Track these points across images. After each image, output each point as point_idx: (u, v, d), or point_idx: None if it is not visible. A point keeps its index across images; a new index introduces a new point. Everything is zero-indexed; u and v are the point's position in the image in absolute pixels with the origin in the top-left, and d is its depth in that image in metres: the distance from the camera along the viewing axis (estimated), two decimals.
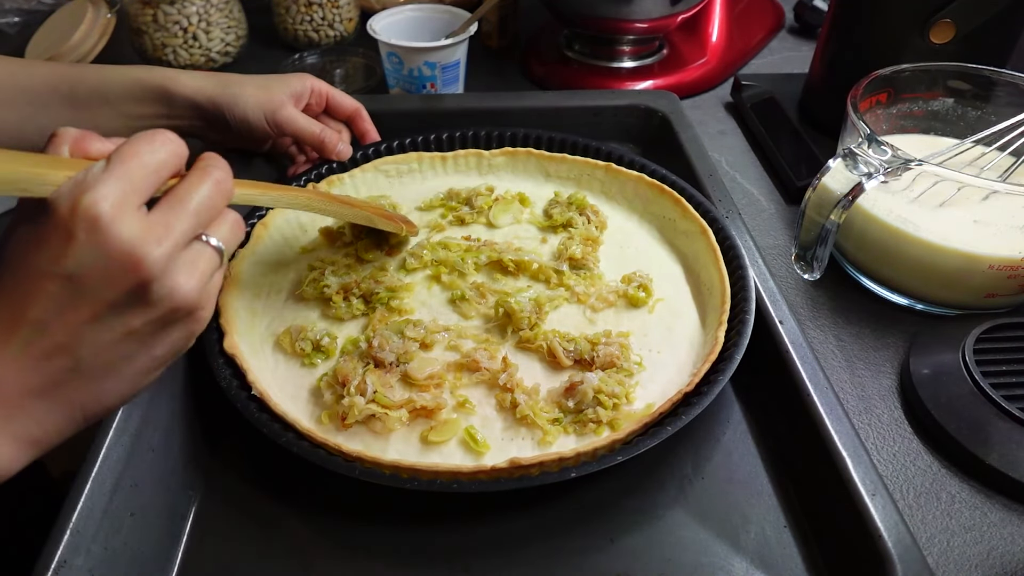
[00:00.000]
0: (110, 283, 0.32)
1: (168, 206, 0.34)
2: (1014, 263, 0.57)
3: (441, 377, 0.53)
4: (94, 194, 0.31)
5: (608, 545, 0.46)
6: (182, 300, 0.34)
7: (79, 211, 0.31)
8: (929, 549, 0.46)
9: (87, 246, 0.31)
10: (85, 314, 0.32)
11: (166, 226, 0.33)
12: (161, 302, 0.34)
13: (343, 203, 0.56)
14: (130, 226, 0.32)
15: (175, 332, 0.36)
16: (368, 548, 0.47)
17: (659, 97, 0.81)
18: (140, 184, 0.33)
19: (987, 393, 0.51)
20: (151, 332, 0.35)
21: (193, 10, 0.95)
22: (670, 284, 0.62)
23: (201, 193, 0.36)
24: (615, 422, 0.50)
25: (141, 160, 0.33)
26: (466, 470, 0.45)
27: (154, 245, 0.32)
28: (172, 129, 0.66)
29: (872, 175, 0.54)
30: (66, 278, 0.32)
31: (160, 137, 0.35)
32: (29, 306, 0.32)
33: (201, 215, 0.35)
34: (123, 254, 0.32)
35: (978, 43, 0.71)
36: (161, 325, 0.35)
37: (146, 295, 0.33)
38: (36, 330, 0.32)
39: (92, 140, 0.36)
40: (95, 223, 0.31)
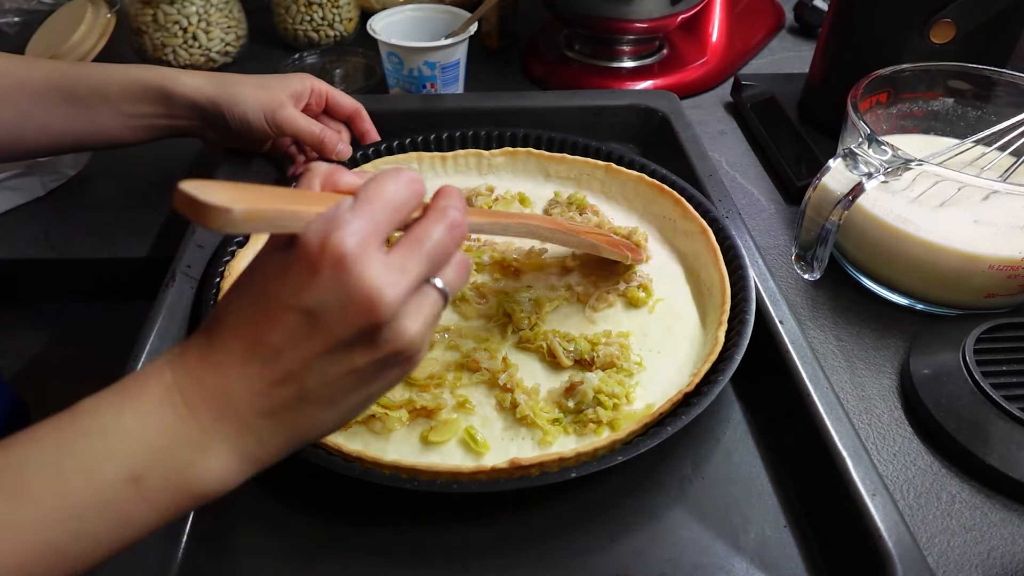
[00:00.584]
0: (345, 321, 0.33)
1: (406, 248, 0.35)
2: (1014, 263, 0.57)
3: (441, 377, 0.53)
4: (342, 233, 0.32)
5: (608, 545, 0.46)
6: (405, 344, 0.35)
7: (327, 249, 0.32)
8: (929, 549, 0.46)
9: (330, 284, 0.32)
10: (318, 348, 0.33)
11: (402, 270, 0.34)
12: (386, 344, 0.34)
13: (569, 230, 0.55)
14: (372, 268, 0.32)
15: (392, 372, 0.36)
16: (368, 548, 0.47)
17: (659, 97, 0.81)
18: (384, 223, 0.34)
19: (987, 393, 0.51)
20: (372, 371, 0.35)
21: (193, 10, 0.95)
22: (670, 284, 0.62)
23: (436, 236, 0.36)
24: (615, 422, 0.50)
25: (386, 200, 0.34)
26: (466, 470, 0.45)
27: (391, 288, 0.33)
28: (171, 128, 0.67)
29: (872, 175, 0.54)
30: (306, 312, 0.33)
31: (405, 177, 0.35)
32: (269, 333, 0.33)
33: (435, 258, 0.36)
34: (362, 296, 0.32)
35: (978, 43, 0.71)
36: (382, 365, 0.35)
37: (375, 336, 0.34)
38: (273, 356, 0.33)
39: (342, 174, 0.37)
40: (340, 262, 0.32)
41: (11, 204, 0.75)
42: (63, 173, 0.78)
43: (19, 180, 0.75)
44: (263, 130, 0.66)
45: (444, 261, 0.37)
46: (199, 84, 0.64)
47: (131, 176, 0.80)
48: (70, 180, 0.79)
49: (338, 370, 0.34)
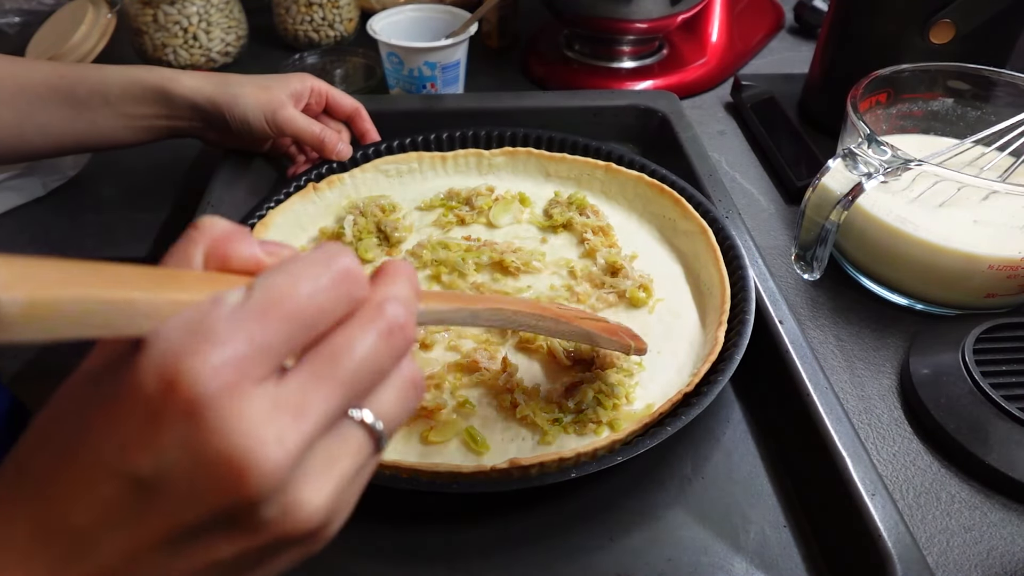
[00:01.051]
0: (195, 499, 0.22)
1: (310, 373, 0.23)
2: (1014, 263, 0.57)
3: (441, 377, 0.53)
4: (205, 359, 0.21)
5: (608, 545, 0.46)
6: (298, 525, 0.23)
7: (177, 383, 0.21)
8: (929, 549, 0.46)
9: (175, 440, 0.21)
10: (152, 535, 0.22)
11: (298, 410, 0.22)
12: (266, 527, 0.23)
13: (559, 316, 0.44)
14: (245, 418, 0.21)
15: (281, 560, 0.25)
16: (367, 548, 0.47)
17: (659, 97, 0.81)
18: (280, 344, 0.22)
19: (987, 393, 0.51)
20: (247, 564, 0.24)
21: (193, 10, 0.95)
22: (670, 284, 0.62)
23: (361, 349, 0.24)
24: (615, 422, 0.50)
25: (294, 305, 0.23)
26: (466, 470, 0.45)
27: (273, 446, 0.22)
28: (171, 129, 0.67)
29: (872, 175, 0.55)
30: (133, 481, 0.22)
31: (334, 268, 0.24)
32: (75, 509, 0.22)
33: (358, 382, 0.24)
34: (224, 462, 0.21)
35: (978, 43, 0.71)
36: (264, 554, 0.24)
37: (246, 519, 0.22)
38: (80, 546, 0.22)
39: (238, 243, 0.25)
40: (195, 407, 0.21)
41: (11, 204, 0.75)
42: (63, 173, 0.78)
43: (19, 180, 0.75)
44: (263, 130, 0.66)
45: (374, 382, 0.25)
46: (199, 85, 0.64)
47: (131, 176, 0.81)
48: (70, 180, 0.79)
49: (187, 566, 0.23)
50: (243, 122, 0.65)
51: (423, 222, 0.69)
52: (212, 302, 0.22)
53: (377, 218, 0.67)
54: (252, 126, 0.65)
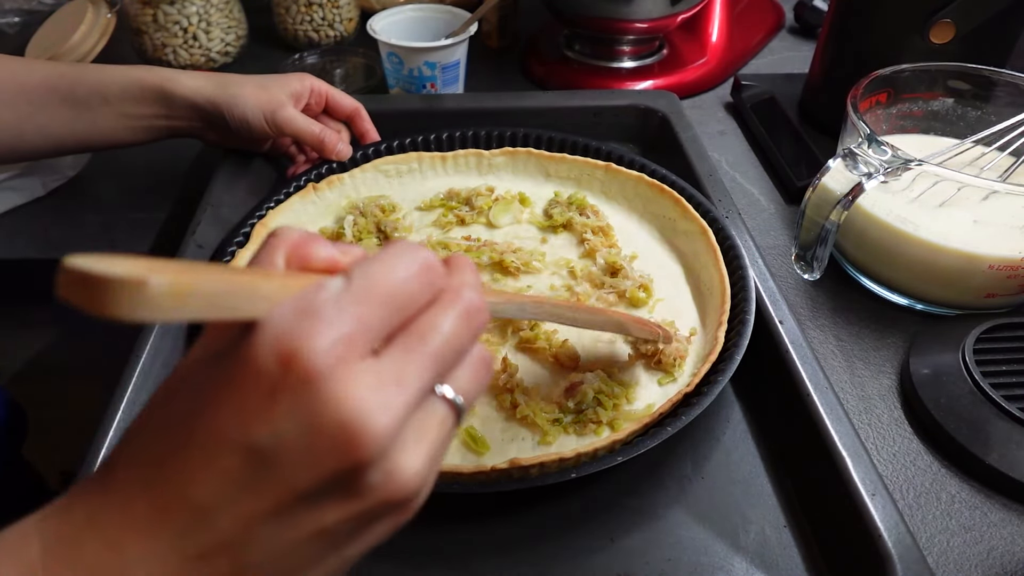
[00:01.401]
0: (312, 465, 0.23)
1: (404, 349, 0.25)
2: (1014, 263, 0.57)
3: None
4: (317, 338, 0.23)
5: (608, 545, 0.46)
6: (399, 489, 0.25)
7: (294, 360, 0.22)
8: (929, 549, 0.46)
9: (292, 411, 0.22)
10: (266, 504, 0.23)
11: (398, 382, 0.24)
12: (371, 492, 0.24)
13: (593, 310, 0.49)
14: (356, 388, 0.23)
15: (378, 528, 0.26)
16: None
17: (659, 97, 0.81)
18: (380, 325, 0.24)
19: (987, 393, 0.51)
20: (347, 531, 0.25)
21: (193, 10, 0.95)
22: (670, 284, 0.62)
23: (446, 328, 0.26)
24: (615, 422, 0.50)
25: (390, 290, 0.25)
26: (466, 470, 0.45)
27: (381, 414, 0.23)
28: (171, 129, 0.67)
29: (872, 175, 0.55)
30: (254, 452, 0.23)
31: (419, 257, 0.26)
32: (195, 484, 0.23)
33: (444, 360, 0.26)
34: (339, 428, 0.23)
35: (978, 43, 0.71)
36: (363, 521, 0.25)
37: (355, 483, 0.24)
38: (198, 519, 0.23)
39: (316, 246, 0.27)
40: (310, 380, 0.22)
41: (11, 204, 0.75)
42: (63, 173, 0.78)
43: (19, 180, 0.75)
44: (263, 130, 0.66)
45: (456, 362, 0.27)
46: (199, 85, 0.64)
47: (131, 176, 0.81)
48: (70, 180, 0.79)
49: (294, 535, 0.24)
50: (243, 122, 0.65)
51: (423, 222, 0.69)
52: (317, 288, 0.24)
53: (377, 218, 0.67)
54: (252, 126, 0.65)
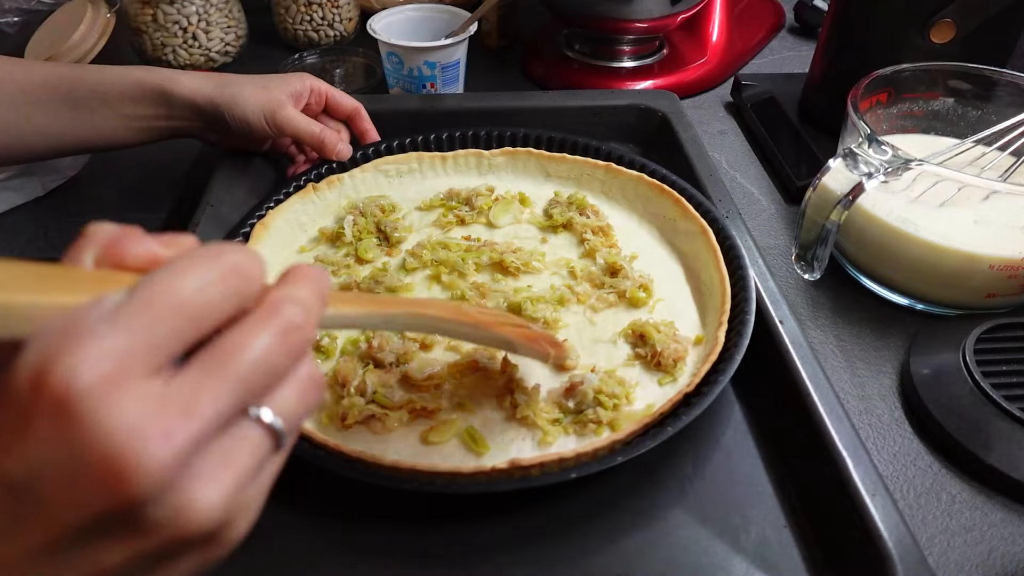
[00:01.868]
0: (74, 502, 0.21)
1: (200, 371, 0.22)
2: (1015, 263, 0.57)
3: (441, 378, 0.53)
4: (78, 355, 0.20)
5: (609, 546, 0.46)
6: (192, 525, 0.22)
7: (46, 381, 0.20)
8: (929, 549, 0.46)
9: (47, 440, 0.20)
10: (33, 541, 0.21)
11: (187, 407, 0.21)
12: (157, 529, 0.22)
13: (477, 322, 0.43)
14: (127, 414, 0.20)
15: (181, 565, 0.24)
16: (368, 548, 0.47)
17: (659, 97, 0.81)
18: (167, 340, 0.22)
19: (987, 393, 0.51)
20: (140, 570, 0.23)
21: (193, 10, 0.95)
22: (670, 284, 0.62)
23: (256, 348, 0.23)
24: (615, 422, 0.50)
25: (178, 300, 0.22)
26: (466, 471, 0.45)
27: (159, 443, 0.21)
28: (171, 129, 0.67)
29: (872, 175, 0.54)
30: (8, 488, 0.21)
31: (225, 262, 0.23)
32: None
33: (253, 383, 0.23)
34: (103, 460, 0.20)
35: (978, 43, 0.71)
36: (157, 559, 0.23)
37: (134, 521, 0.21)
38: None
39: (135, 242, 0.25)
40: (66, 404, 0.20)
41: (11, 204, 0.75)
42: (63, 173, 0.78)
43: (19, 180, 0.75)
44: (263, 130, 0.66)
45: (271, 382, 0.24)
46: (198, 85, 0.64)
47: (131, 176, 0.80)
48: (70, 180, 0.79)
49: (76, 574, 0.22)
50: (243, 122, 0.65)
51: (423, 222, 0.69)
52: (92, 303, 0.21)
53: (377, 218, 0.67)
54: (252, 126, 0.65)
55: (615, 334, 0.57)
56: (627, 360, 0.55)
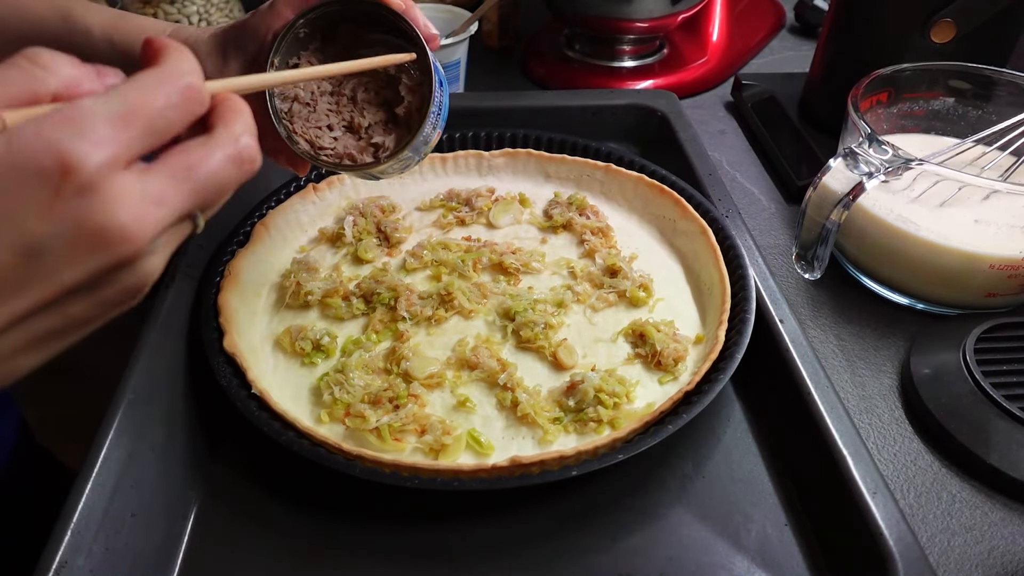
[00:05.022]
0: (78, 263, 0.25)
1: (171, 176, 0.27)
2: (1015, 263, 0.57)
3: (441, 376, 0.53)
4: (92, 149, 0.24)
5: (609, 544, 0.46)
6: (142, 285, 0.28)
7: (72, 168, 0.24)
8: (930, 548, 0.46)
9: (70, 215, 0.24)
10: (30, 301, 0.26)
11: (161, 202, 0.27)
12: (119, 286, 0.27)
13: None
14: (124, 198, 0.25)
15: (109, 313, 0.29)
16: (368, 548, 0.47)
17: (658, 97, 0.81)
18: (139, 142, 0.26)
19: (988, 393, 0.51)
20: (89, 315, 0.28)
21: (193, 10, 0.95)
22: (670, 284, 0.62)
23: (216, 170, 0.28)
24: (616, 421, 0.50)
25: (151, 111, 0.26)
26: (467, 468, 0.45)
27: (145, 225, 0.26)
28: None
29: (873, 175, 0.54)
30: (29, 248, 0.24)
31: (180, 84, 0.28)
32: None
33: (206, 195, 0.29)
34: (106, 231, 0.25)
35: (978, 43, 0.71)
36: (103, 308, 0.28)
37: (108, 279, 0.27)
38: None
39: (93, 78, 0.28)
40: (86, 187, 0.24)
41: None
42: None
43: None
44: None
45: (215, 201, 0.30)
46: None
47: None
48: None
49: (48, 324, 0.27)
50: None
51: (423, 223, 0.69)
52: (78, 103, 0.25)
53: (377, 218, 0.67)
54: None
55: (615, 333, 0.57)
56: (627, 359, 0.55)
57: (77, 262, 0.25)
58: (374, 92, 0.50)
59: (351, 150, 0.50)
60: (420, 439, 0.49)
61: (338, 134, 0.50)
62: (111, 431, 0.44)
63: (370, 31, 0.50)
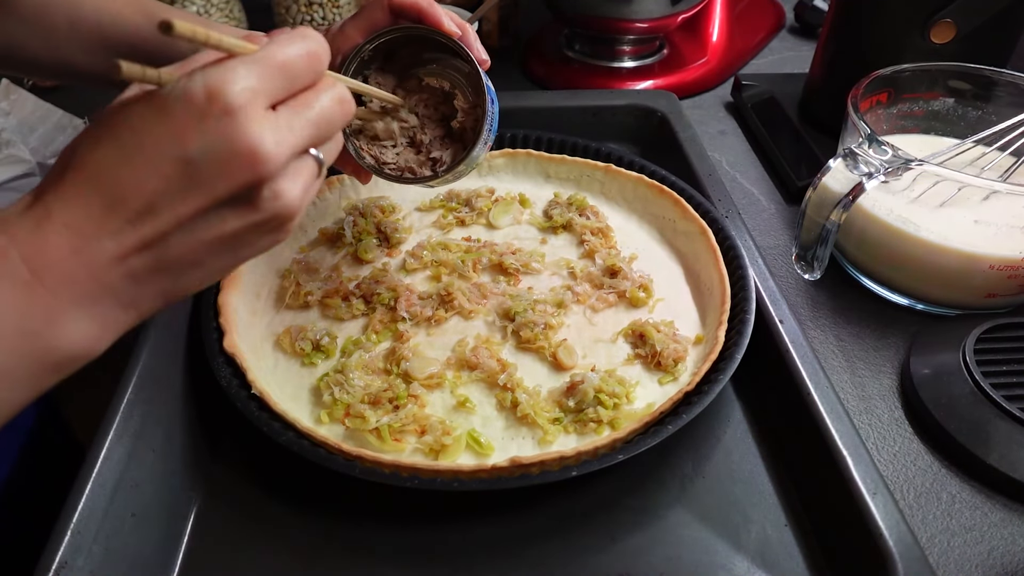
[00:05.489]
0: (226, 175, 0.31)
1: (293, 111, 0.33)
2: (1014, 263, 0.57)
3: (441, 376, 0.53)
4: (232, 83, 0.30)
5: (609, 544, 0.46)
6: (283, 207, 0.33)
7: (217, 96, 0.30)
8: (930, 549, 0.46)
9: (216, 133, 0.30)
10: (193, 206, 0.31)
11: (289, 130, 0.33)
12: (264, 205, 0.33)
13: None
14: (260, 122, 0.31)
15: (265, 239, 0.35)
16: (368, 548, 0.47)
17: (658, 97, 0.81)
18: (275, 88, 0.32)
19: (987, 393, 0.51)
20: (244, 236, 0.34)
21: (194, 10, 0.95)
22: (670, 284, 0.62)
23: (325, 106, 0.35)
24: (616, 421, 0.50)
25: (283, 64, 0.33)
26: (466, 469, 0.45)
27: (275, 146, 0.32)
28: None
29: (872, 175, 0.54)
30: (186, 162, 0.30)
31: (309, 45, 0.34)
32: (143, 186, 0.30)
33: (320, 128, 0.35)
34: (248, 148, 0.31)
35: (978, 43, 0.71)
36: (255, 230, 0.34)
37: (254, 195, 0.32)
38: (143, 212, 0.31)
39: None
40: (228, 110, 0.30)
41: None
42: None
43: (19, 181, 0.75)
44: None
45: (328, 134, 0.36)
46: None
47: None
48: None
49: (210, 233, 0.32)
50: None
51: (423, 223, 0.69)
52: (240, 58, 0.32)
53: (377, 219, 0.67)
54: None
55: (615, 334, 0.57)
56: (627, 360, 0.55)
57: (224, 174, 0.31)
58: (433, 108, 0.56)
59: (411, 164, 0.55)
60: (420, 439, 0.49)
61: (400, 149, 0.56)
62: (111, 431, 0.44)
63: (426, 51, 0.55)
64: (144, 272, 0.32)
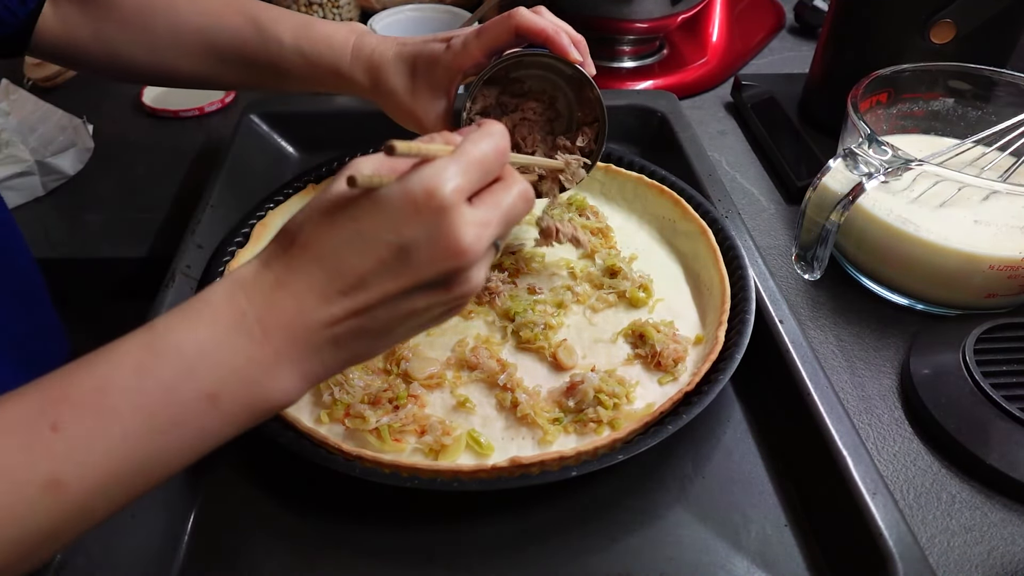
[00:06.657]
0: (433, 263, 0.35)
1: (490, 208, 0.37)
2: (1014, 263, 0.57)
3: (441, 376, 0.53)
4: (445, 183, 0.34)
5: (609, 544, 0.46)
6: (470, 291, 0.37)
7: (432, 195, 0.34)
8: (930, 549, 0.46)
9: (428, 226, 0.34)
10: (399, 284, 0.35)
11: (485, 226, 0.36)
12: (456, 289, 0.37)
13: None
14: (465, 219, 0.35)
15: (448, 314, 0.39)
16: (368, 548, 0.47)
17: (658, 97, 0.81)
18: (474, 182, 0.36)
19: (987, 393, 0.51)
20: (432, 310, 0.38)
21: None
22: (670, 284, 0.62)
23: (513, 203, 0.38)
24: (616, 421, 0.50)
25: (481, 160, 0.36)
26: (466, 469, 0.45)
27: (478, 241, 0.35)
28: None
29: (872, 175, 0.55)
30: (400, 248, 0.34)
31: (497, 143, 0.38)
32: (360, 264, 0.35)
33: (509, 225, 0.38)
34: (455, 242, 0.34)
35: (978, 43, 0.71)
36: (442, 306, 0.38)
37: (450, 282, 0.36)
38: (358, 286, 0.35)
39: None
40: (442, 208, 0.34)
41: (11, 204, 0.75)
42: (63, 173, 0.78)
43: (19, 180, 0.75)
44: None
45: (512, 228, 0.40)
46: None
47: (131, 176, 0.81)
48: (70, 180, 0.79)
49: (406, 308, 0.36)
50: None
51: None
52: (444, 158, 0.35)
53: None
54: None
55: (615, 334, 0.57)
56: (627, 360, 0.55)
57: (432, 261, 0.35)
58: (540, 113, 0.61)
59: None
60: (420, 439, 0.49)
61: None
62: None
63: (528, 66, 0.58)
64: (346, 336, 0.36)
